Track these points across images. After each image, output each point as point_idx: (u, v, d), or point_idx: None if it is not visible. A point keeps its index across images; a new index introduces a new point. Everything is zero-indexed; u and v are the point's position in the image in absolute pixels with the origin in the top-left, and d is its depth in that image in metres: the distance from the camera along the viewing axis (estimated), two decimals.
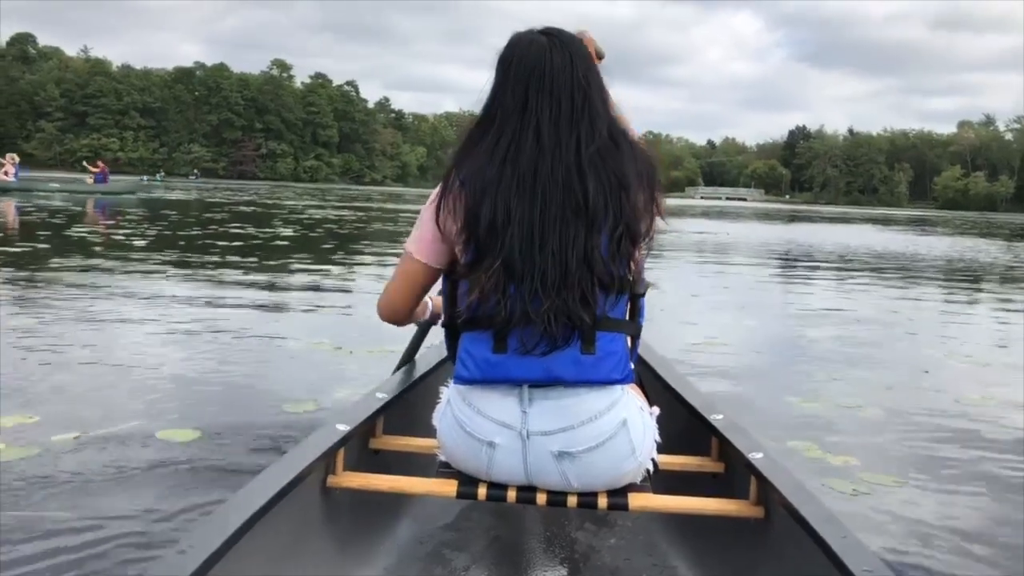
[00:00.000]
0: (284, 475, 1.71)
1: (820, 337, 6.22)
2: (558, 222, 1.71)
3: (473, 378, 1.79)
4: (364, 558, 2.08)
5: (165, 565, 1.36)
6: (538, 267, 1.70)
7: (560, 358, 1.73)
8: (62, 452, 2.89)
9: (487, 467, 1.84)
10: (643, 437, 1.83)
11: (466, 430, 1.83)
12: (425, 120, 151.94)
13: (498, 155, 1.75)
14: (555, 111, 1.75)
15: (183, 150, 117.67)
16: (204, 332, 5.22)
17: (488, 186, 1.73)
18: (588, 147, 1.74)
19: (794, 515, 1.65)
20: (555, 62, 1.77)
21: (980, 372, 5.24)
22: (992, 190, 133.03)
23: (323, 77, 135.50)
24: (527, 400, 1.78)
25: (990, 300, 9.78)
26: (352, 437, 2.01)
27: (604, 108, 1.80)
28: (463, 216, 1.75)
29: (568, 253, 1.70)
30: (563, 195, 1.72)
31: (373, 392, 2.29)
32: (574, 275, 1.70)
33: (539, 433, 1.78)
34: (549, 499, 1.85)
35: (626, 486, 1.87)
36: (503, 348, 1.74)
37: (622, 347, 1.78)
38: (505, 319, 1.71)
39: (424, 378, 2.54)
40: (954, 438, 3.63)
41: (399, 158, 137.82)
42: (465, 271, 1.77)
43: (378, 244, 13.81)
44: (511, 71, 1.79)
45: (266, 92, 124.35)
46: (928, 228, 36.95)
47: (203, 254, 10.42)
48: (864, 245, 19.90)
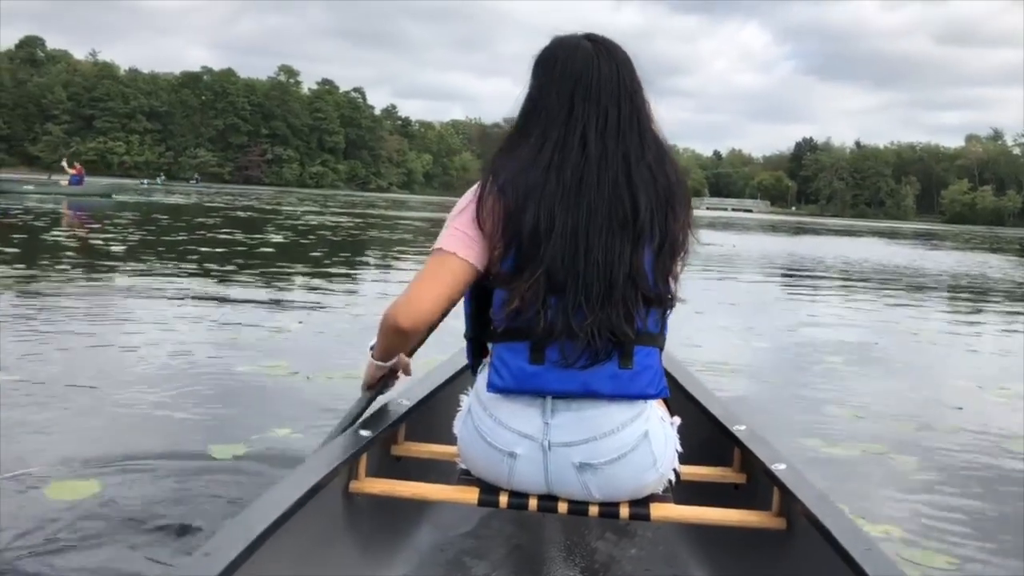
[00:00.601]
0: (307, 480, 1.70)
1: (837, 363, 5.64)
2: (604, 233, 1.69)
3: (507, 387, 1.74)
4: (385, 564, 2.08)
5: (190, 568, 1.36)
6: (582, 279, 1.67)
7: (598, 372, 1.70)
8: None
9: (508, 477, 1.81)
10: (664, 448, 1.81)
11: (487, 440, 1.80)
12: (432, 128, 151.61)
13: (541, 161, 1.71)
14: (601, 121, 1.72)
15: (189, 154, 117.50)
16: (146, 350, 4.66)
17: (531, 192, 1.69)
18: (639, 160, 1.72)
19: (817, 527, 1.63)
20: (602, 70, 1.74)
21: (1020, 405, 4.65)
22: (999, 204, 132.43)
23: (330, 83, 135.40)
24: (550, 411, 1.75)
25: (1020, 323, 9.17)
26: (374, 443, 2.01)
27: (650, 121, 1.78)
28: (502, 221, 1.70)
29: (615, 266, 1.68)
30: (609, 206, 1.69)
31: (395, 399, 2.27)
32: (619, 289, 1.68)
33: (561, 444, 1.75)
34: (570, 508, 1.84)
35: (648, 496, 1.85)
36: (540, 359, 1.71)
37: (657, 361, 1.76)
38: (546, 330, 1.68)
39: (446, 385, 2.54)
40: (1012, 495, 3.09)
41: (405, 165, 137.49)
42: (505, 279, 1.71)
43: (371, 252, 13.31)
44: (555, 76, 1.76)
45: (273, 98, 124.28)
46: (937, 242, 36.37)
47: (180, 261, 9.88)
48: (875, 259, 19.31)
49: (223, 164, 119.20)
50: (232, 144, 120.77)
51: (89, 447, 2.97)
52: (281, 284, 8.37)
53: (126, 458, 2.87)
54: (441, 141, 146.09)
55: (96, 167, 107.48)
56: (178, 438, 3.15)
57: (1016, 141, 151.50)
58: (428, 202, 70.78)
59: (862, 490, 3.06)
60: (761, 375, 5.20)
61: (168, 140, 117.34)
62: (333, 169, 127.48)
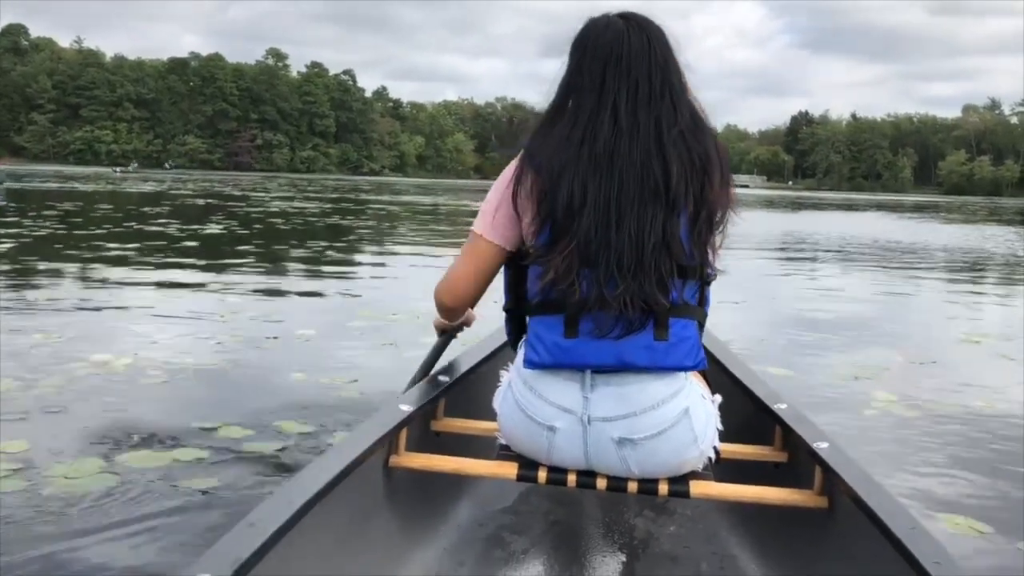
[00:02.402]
0: (348, 454, 1.73)
1: (857, 361, 4.91)
2: (635, 203, 1.70)
3: (544, 363, 1.77)
4: (424, 538, 2.09)
5: (234, 539, 1.38)
6: (614, 249, 1.69)
7: (632, 344, 1.71)
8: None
9: (547, 451, 1.83)
10: (705, 425, 1.82)
11: (527, 414, 1.82)
12: (423, 109, 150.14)
13: (575, 137, 1.74)
14: (632, 92, 1.74)
15: (178, 141, 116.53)
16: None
17: (565, 168, 1.72)
18: (671, 129, 1.73)
19: (860, 506, 1.62)
20: (632, 44, 1.77)
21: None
22: (997, 174, 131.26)
23: (320, 66, 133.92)
24: (589, 385, 1.77)
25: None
26: (414, 418, 2.03)
27: (683, 91, 1.79)
28: (537, 199, 1.75)
29: (645, 235, 1.69)
30: (641, 176, 1.71)
31: (434, 374, 2.30)
32: (650, 258, 1.69)
33: (600, 419, 1.77)
34: (609, 484, 1.83)
35: (687, 473, 1.84)
36: (574, 333, 1.73)
37: (694, 333, 1.76)
38: (579, 302, 1.70)
39: (486, 361, 2.56)
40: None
41: (397, 148, 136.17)
42: (541, 253, 1.74)
43: (312, 244, 12.40)
44: (587, 54, 1.79)
45: (261, 82, 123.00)
46: (946, 215, 35.35)
47: (66, 262, 9.08)
48: (885, 236, 18.43)
49: (212, 151, 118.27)
50: (221, 130, 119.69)
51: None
52: (166, 291, 7.55)
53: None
54: (433, 122, 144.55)
55: (84, 156, 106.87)
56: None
57: (1013, 110, 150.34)
58: (420, 184, 69.99)
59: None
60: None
61: (156, 127, 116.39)
62: (324, 153, 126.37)
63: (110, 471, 2.79)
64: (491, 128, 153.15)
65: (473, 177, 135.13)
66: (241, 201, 25.13)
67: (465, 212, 24.61)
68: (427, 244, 12.89)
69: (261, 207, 22.10)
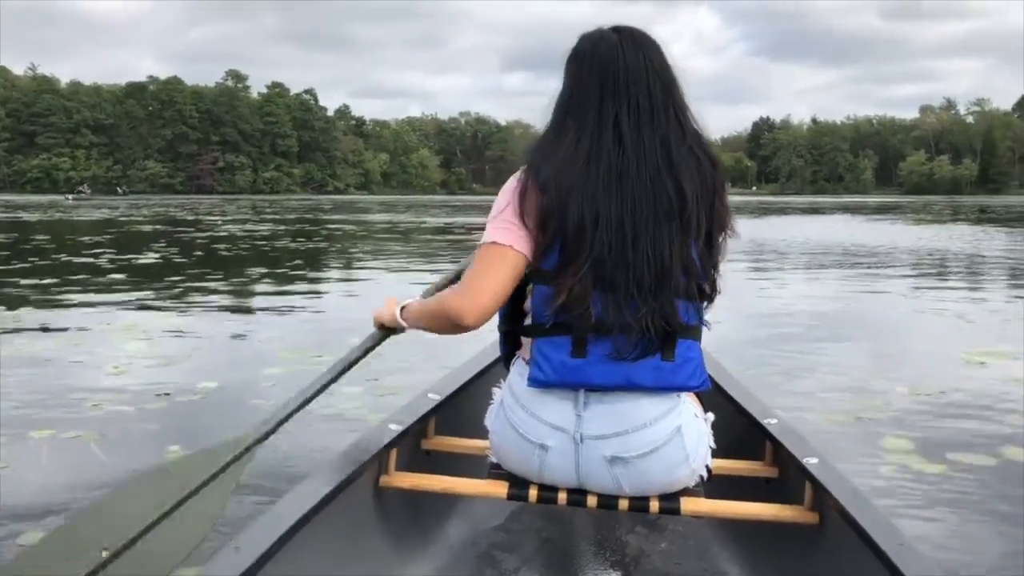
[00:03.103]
0: (337, 474, 1.72)
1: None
2: (651, 223, 1.67)
3: (549, 381, 1.74)
4: (415, 557, 2.07)
5: (221, 561, 1.36)
6: (632, 270, 1.66)
7: (641, 365, 1.70)
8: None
9: (539, 470, 1.82)
10: (697, 444, 1.81)
11: (519, 432, 1.81)
12: (387, 126, 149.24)
13: (580, 156, 1.70)
14: (634, 110, 1.71)
15: (138, 167, 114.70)
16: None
17: (574, 188, 1.68)
18: (679, 147, 1.71)
19: (850, 522, 1.63)
20: (628, 59, 1.73)
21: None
22: (956, 173, 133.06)
23: (280, 86, 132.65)
24: (583, 404, 1.76)
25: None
26: (404, 437, 2.03)
27: (686, 107, 1.76)
28: (541, 218, 1.70)
29: (664, 255, 1.67)
30: (653, 195, 1.68)
31: (425, 393, 2.31)
32: (673, 279, 1.67)
33: (593, 437, 1.76)
34: (600, 502, 1.82)
35: (678, 491, 1.83)
36: (582, 353, 1.70)
37: (698, 354, 1.75)
38: (594, 325, 1.67)
39: (476, 379, 2.55)
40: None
41: (362, 165, 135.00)
42: (550, 275, 1.70)
43: (251, 272, 11.80)
44: (583, 70, 1.76)
45: (221, 104, 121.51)
46: (913, 215, 35.22)
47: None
48: (860, 241, 18.15)
49: (174, 175, 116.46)
50: (182, 154, 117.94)
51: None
52: (70, 336, 6.95)
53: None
54: (397, 139, 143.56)
55: (42, 184, 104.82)
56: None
57: (969, 110, 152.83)
58: (381, 202, 69.08)
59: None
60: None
61: (116, 153, 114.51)
62: (287, 173, 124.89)
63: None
64: (455, 143, 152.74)
65: (440, 193, 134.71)
66: (191, 226, 24.37)
67: (426, 229, 24.10)
68: (376, 267, 12.33)
69: (210, 232, 21.39)
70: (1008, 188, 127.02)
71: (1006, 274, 11.46)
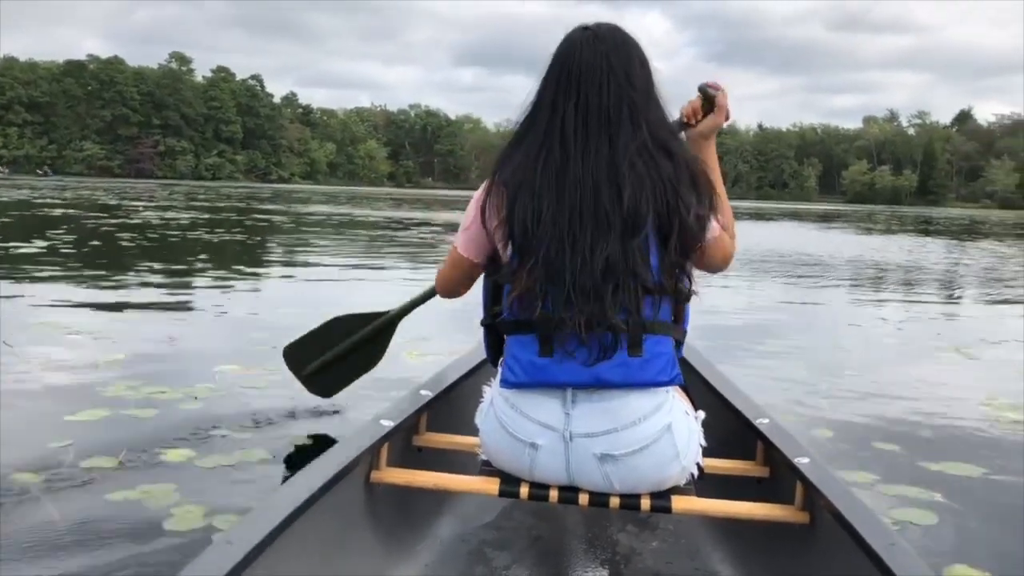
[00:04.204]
0: (328, 469, 1.74)
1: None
2: (590, 226, 1.67)
3: (519, 382, 1.77)
4: (406, 554, 2.08)
5: (211, 556, 1.37)
6: (570, 272, 1.67)
7: (607, 362, 1.70)
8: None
9: (529, 468, 1.83)
10: (688, 441, 1.81)
11: (508, 431, 1.82)
12: (335, 116, 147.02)
13: (531, 154, 1.73)
14: (582, 109, 1.70)
15: (74, 147, 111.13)
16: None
17: (522, 187, 1.72)
18: (626, 148, 1.69)
19: (841, 521, 1.64)
20: (584, 57, 1.73)
21: None
22: (897, 183, 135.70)
23: (226, 71, 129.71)
24: (571, 402, 1.76)
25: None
26: (396, 433, 2.05)
27: (647, 106, 1.74)
28: (503, 215, 1.74)
29: (598, 261, 1.66)
30: (594, 197, 1.67)
31: (417, 389, 2.33)
32: (609, 282, 1.66)
33: (582, 435, 1.76)
34: (591, 500, 1.83)
35: (669, 489, 1.85)
36: (549, 352, 1.72)
37: (669, 350, 1.76)
38: (545, 320, 1.70)
39: (468, 376, 2.57)
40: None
41: (308, 155, 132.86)
42: (509, 272, 1.75)
43: (141, 268, 10.86)
44: (549, 69, 1.78)
45: (164, 86, 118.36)
46: (859, 224, 35.08)
47: None
48: (834, 252, 17.73)
49: (112, 157, 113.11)
50: (121, 136, 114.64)
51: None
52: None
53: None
54: (345, 129, 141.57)
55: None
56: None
57: (911, 122, 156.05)
58: (322, 192, 67.52)
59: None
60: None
61: (51, 132, 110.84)
62: (231, 160, 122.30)
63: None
64: (404, 135, 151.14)
65: (387, 185, 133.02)
66: (108, 212, 23.09)
67: (362, 223, 23.20)
68: (291, 264, 11.49)
69: (124, 219, 20.19)
70: (946, 200, 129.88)
71: (939, 282, 11.11)
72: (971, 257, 17.59)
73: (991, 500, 2.98)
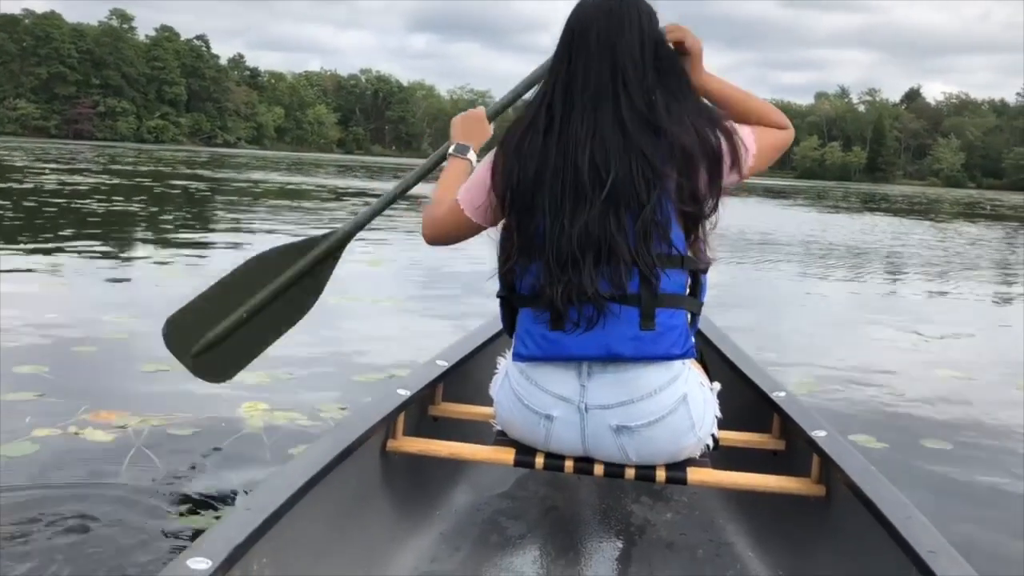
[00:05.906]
0: (345, 438, 1.75)
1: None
2: (569, 193, 1.66)
3: (532, 355, 1.77)
4: (421, 522, 2.09)
5: (230, 522, 1.39)
6: (549, 240, 1.67)
7: (618, 334, 1.69)
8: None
9: (544, 439, 1.83)
10: (703, 412, 1.81)
11: (524, 403, 1.82)
12: (283, 79, 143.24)
13: (535, 123, 1.73)
14: (574, 77, 1.69)
15: (7, 106, 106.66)
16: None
17: (514, 149, 1.72)
18: (616, 118, 1.66)
19: (857, 494, 1.64)
20: (581, 24, 1.72)
21: None
22: (846, 160, 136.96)
23: (170, 30, 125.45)
24: (586, 374, 1.76)
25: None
26: (412, 403, 2.05)
27: (646, 75, 1.69)
28: (504, 182, 1.75)
29: (588, 229, 1.64)
30: (574, 170, 1.66)
31: (433, 360, 2.32)
32: (588, 252, 1.64)
33: (598, 407, 1.76)
34: (606, 470, 1.84)
35: (684, 460, 1.85)
36: (560, 326, 1.71)
37: (682, 322, 1.74)
38: (539, 293, 1.70)
39: (484, 347, 2.58)
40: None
41: (255, 119, 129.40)
42: (503, 240, 1.76)
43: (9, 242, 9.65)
44: (560, 34, 1.77)
45: (104, 44, 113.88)
46: (819, 201, 34.54)
47: None
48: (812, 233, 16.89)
49: (48, 117, 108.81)
50: (58, 95, 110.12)
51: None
52: None
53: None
54: (293, 93, 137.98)
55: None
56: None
57: (861, 99, 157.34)
58: (261, 158, 65.20)
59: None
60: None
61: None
62: (174, 123, 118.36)
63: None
64: (355, 101, 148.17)
65: (336, 151, 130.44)
66: (15, 175, 21.51)
67: (293, 193, 21.94)
68: (193, 243, 10.35)
69: (17, 183, 18.68)
70: (894, 177, 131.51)
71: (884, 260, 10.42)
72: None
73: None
